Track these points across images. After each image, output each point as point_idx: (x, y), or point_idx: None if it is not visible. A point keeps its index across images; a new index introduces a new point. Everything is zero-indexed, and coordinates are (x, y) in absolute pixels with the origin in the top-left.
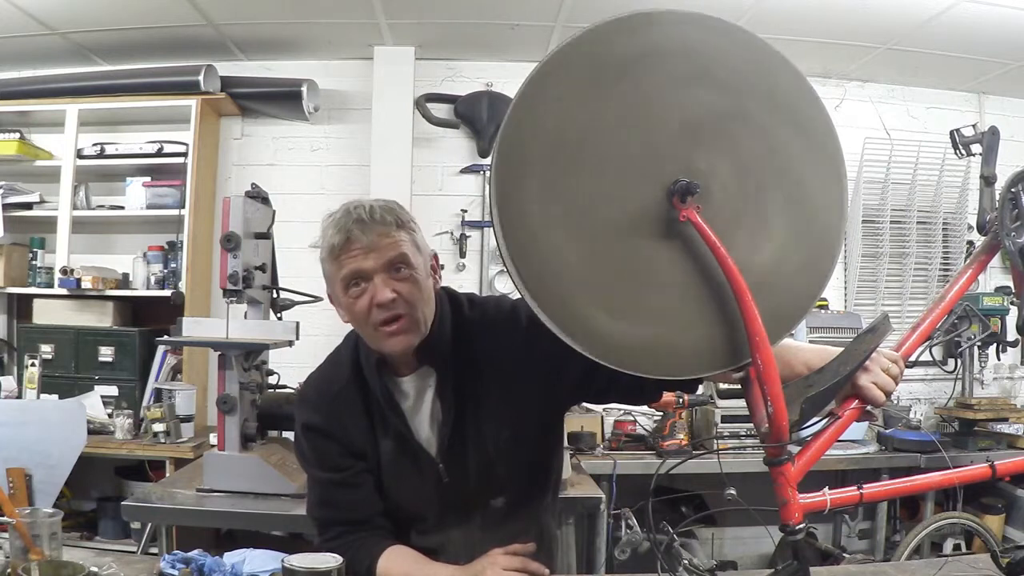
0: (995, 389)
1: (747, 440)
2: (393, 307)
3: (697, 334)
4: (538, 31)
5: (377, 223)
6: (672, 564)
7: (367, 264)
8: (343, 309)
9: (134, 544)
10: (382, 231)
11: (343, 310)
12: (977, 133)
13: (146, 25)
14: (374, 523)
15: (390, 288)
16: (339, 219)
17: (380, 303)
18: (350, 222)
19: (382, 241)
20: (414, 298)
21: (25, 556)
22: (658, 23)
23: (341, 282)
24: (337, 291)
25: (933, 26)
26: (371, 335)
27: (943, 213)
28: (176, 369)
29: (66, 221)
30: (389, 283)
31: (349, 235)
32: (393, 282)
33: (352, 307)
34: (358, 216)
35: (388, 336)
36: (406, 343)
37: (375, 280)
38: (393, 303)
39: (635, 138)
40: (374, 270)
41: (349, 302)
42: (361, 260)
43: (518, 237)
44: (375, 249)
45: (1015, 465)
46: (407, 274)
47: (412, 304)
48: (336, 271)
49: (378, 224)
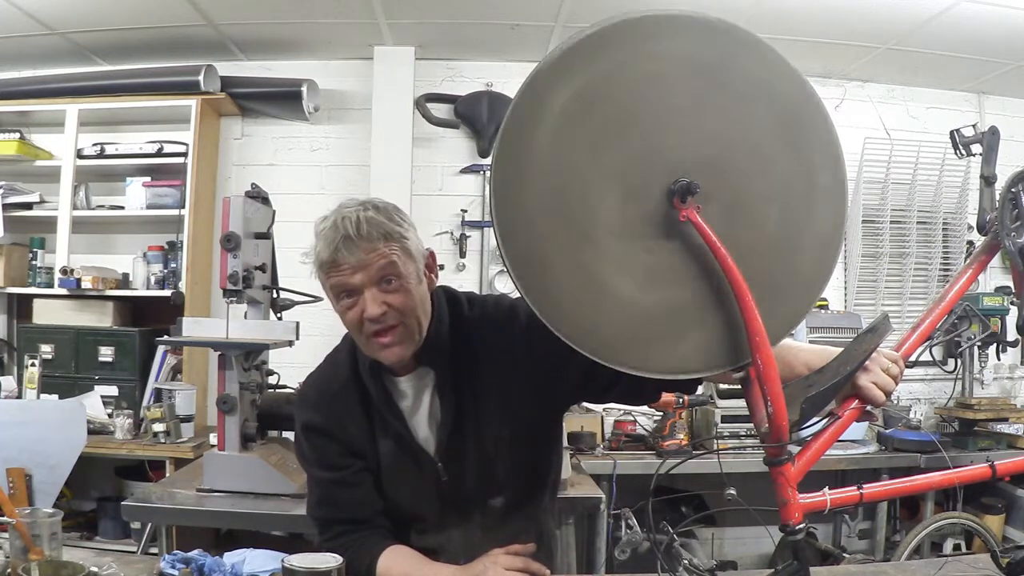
0: (995, 389)
1: (747, 440)
2: (384, 320)
3: (697, 334)
4: (538, 31)
5: (364, 239)
6: (672, 564)
7: (355, 280)
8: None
9: (134, 544)
10: (368, 247)
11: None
12: (977, 133)
13: (146, 25)
14: (374, 523)
15: (379, 302)
16: (328, 233)
17: (370, 318)
18: (338, 239)
19: (369, 257)
20: (406, 308)
21: (25, 556)
22: (660, 24)
23: (331, 293)
24: (329, 297)
25: (933, 26)
26: (365, 344)
27: (943, 213)
28: (176, 369)
29: (66, 221)
30: (379, 297)
31: (336, 256)
32: (383, 295)
33: (344, 316)
34: (345, 233)
35: (382, 348)
36: (400, 354)
37: (365, 295)
38: (384, 316)
39: (635, 138)
40: (363, 284)
41: (341, 311)
42: (349, 277)
43: (518, 237)
44: (363, 267)
45: (1015, 465)
46: (397, 285)
47: (404, 313)
48: (326, 282)
49: (365, 241)
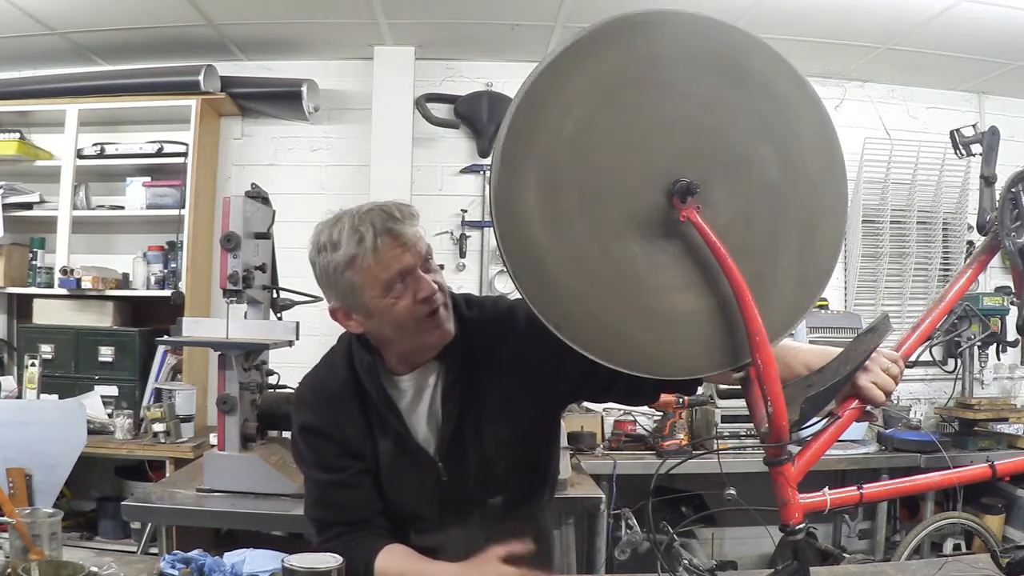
0: (995, 389)
1: (747, 440)
2: (436, 300)
3: (697, 334)
4: (538, 31)
5: (407, 219)
6: (672, 564)
7: (409, 260)
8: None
9: (134, 544)
10: (411, 226)
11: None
12: (977, 133)
13: (146, 25)
14: (372, 524)
15: (432, 280)
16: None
17: (427, 296)
18: (383, 221)
19: (417, 236)
20: (445, 288)
21: (25, 556)
22: (660, 24)
23: (383, 285)
24: (368, 297)
25: (933, 26)
26: (413, 332)
27: (943, 213)
28: (176, 369)
29: (66, 221)
30: (429, 276)
31: (391, 233)
32: (428, 274)
33: (393, 308)
34: (390, 214)
35: (434, 328)
36: (450, 332)
37: (415, 274)
38: (437, 293)
39: (635, 138)
40: (415, 265)
41: (390, 303)
42: (407, 257)
43: (517, 237)
44: (414, 246)
45: (1015, 465)
46: (435, 266)
47: (446, 293)
48: (379, 273)
49: (408, 220)
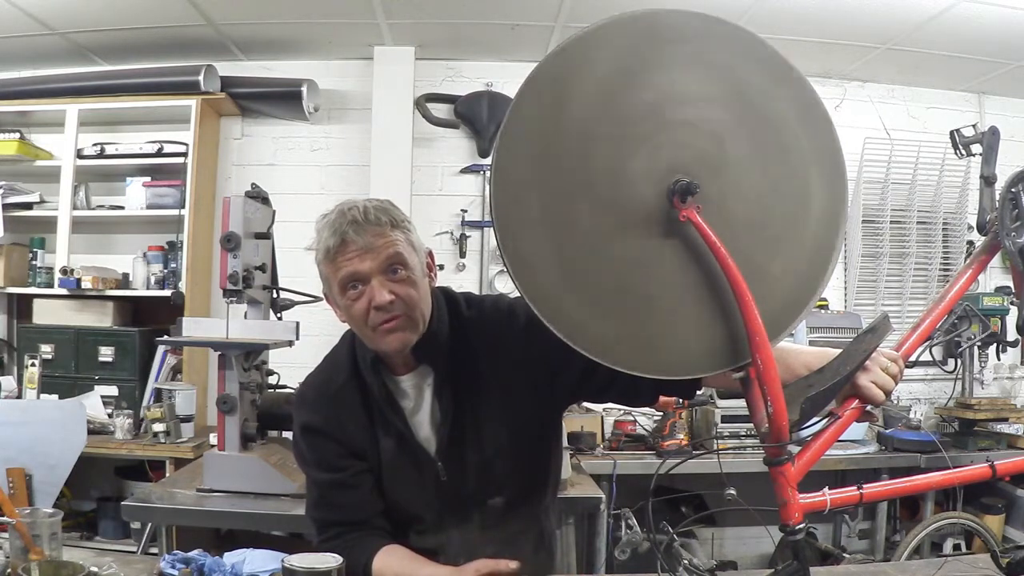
0: (995, 389)
1: (747, 440)
2: (391, 309)
3: (697, 334)
4: (538, 31)
5: (372, 224)
6: (672, 564)
7: (364, 266)
8: (340, 310)
9: (134, 544)
10: (377, 231)
11: (340, 311)
12: (977, 133)
13: (146, 25)
14: (372, 524)
15: (387, 290)
16: (333, 220)
17: (378, 305)
18: (344, 223)
19: (377, 242)
20: (412, 299)
21: (25, 556)
22: (661, 23)
23: (338, 284)
24: (334, 292)
25: (933, 26)
26: (369, 336)
27: (943, 213)
28: (176, 369)
29: (66, 221)
30: (387, 285)
31: (344, 237)
32: (390, 284)
33: (350, 309)
34: (352, 217)
35: (386, 334)
36: (403, 340)
37: (372, 282)
38: (391, 305)
39: (635, 138)
40: (371, 272)
41: (347, 304)
42: (358, 263)
43: (517, 237)
44: (371, 250)
45: (1015, 465)
46: (404, 275)
47: (410, 305)
48: (333, 273)
49: (372, 225)
